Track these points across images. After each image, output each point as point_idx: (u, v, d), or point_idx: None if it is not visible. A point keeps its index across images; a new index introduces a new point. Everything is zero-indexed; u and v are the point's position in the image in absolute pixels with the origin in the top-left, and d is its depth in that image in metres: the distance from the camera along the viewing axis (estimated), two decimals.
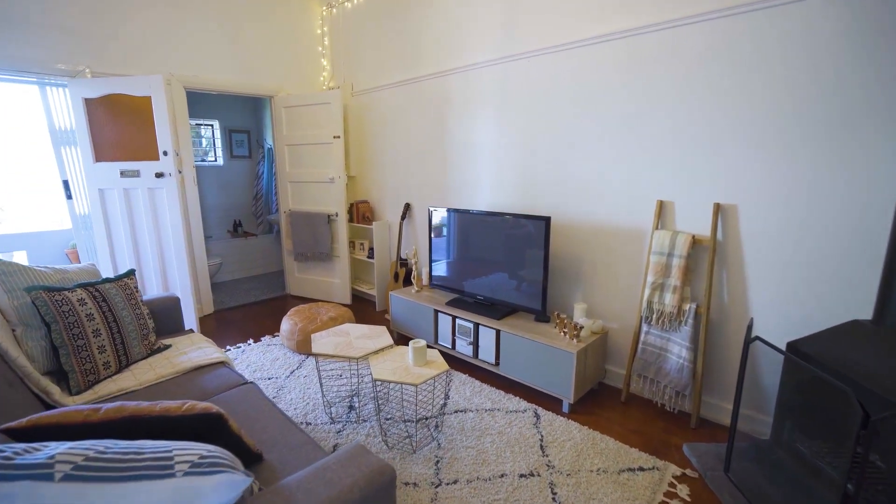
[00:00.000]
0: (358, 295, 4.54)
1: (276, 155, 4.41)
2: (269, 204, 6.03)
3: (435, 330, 3.11)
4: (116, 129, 3.26)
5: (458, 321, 2.93)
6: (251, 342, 3.39)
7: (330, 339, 2.39)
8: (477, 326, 2.82)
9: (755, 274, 2.15)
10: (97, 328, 1.83)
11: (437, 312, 3.07)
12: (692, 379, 2.28)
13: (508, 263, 2.83)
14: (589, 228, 2.74)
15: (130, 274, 2.16)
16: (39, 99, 3.22)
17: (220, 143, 5.75)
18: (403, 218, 3.99)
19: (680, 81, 2.27)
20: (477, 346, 2.85)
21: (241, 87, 4.01)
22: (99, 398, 1.71)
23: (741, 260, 2.19)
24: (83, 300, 1.82)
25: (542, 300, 2.66)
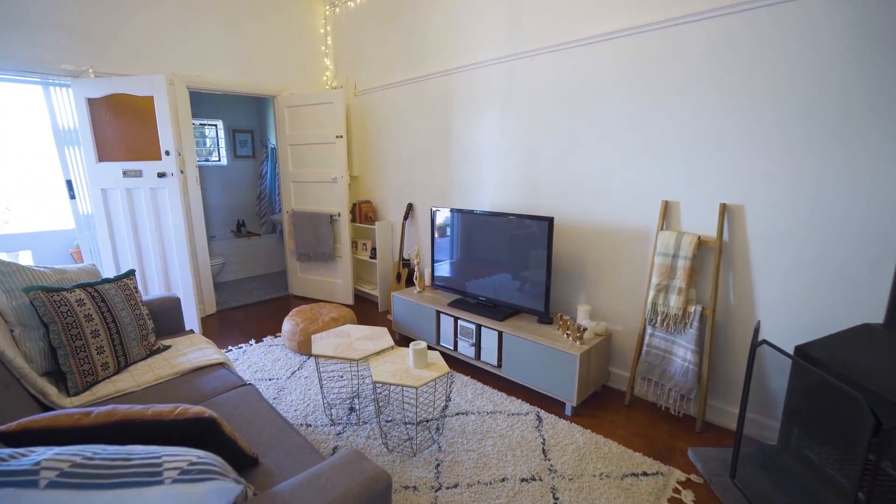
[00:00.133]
0: (360, 295, 4.53)
1: (279, 155, 4.40)
2: (272, 204, 6.04)
3: (437, 331, 3.08)
4: (119, 128, 3.26)
5: (460, 322, 2.91)
6: (253, 343, 3.39)
7: (330, 340, 2.38)
8: (479, 328, 2.80)
9: (762, 275, 2.11)
10: (96, 329, 1.82)
11: (439, 313, 3.05)
12: (697, 382, 2.24)
13: (511, 264, 2.80)
14: (593, 229, 2.71)
15: (130, 274, 2.15)
16: (43, 99, 3.22)
17: (223, 143, 5.76)
18: (406, 218, 3.97)
19: (685, 79, 2.23)
20: (479, 347, 2.83)
21: (244, 86, 4.00)
22: (97, 399, 1.70)
23: (748, 261, 2.15)
24: (82, 301, 1.81)
25: (544, 301, 2.63)
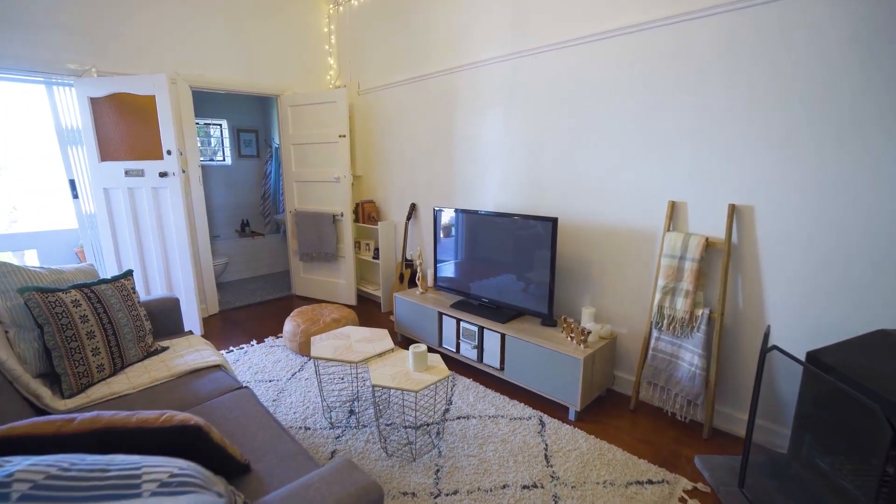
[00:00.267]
0: (363, 296, 4.50)
1: (282, 154, 4.38)
2: (276, 203, 6.03)
3: (439, 333, 3.04)
4: (121, 128, 3.25)
5: (462, 324, 2.86)
6: (254, 343, 3.37)
7: (330, 342, 2.34)
8: (482, 330, 2.75)
9: (772, 278, 2.05)
10: (91, 330, 1.80)
11: (441, 315, 3.01)
12: (705, 387, 2.18)
13: (514, 265, 2.76)
14: (598, 230, 2.65)
15: (128, 274, 2.13)
16: (46, 98, 3.22)
17: (228, 142, 5.76)
18: (409, 218, 3.93)
19: (690, 78, 2.17)
20: (482, 350, 2.78)
21: (247, 85, 3.99)
22: (92, 402, 1.68)
23: (757, 263, 2.08)
24: (77, 301, 1.79)
25: (548, 303, 2.58)
